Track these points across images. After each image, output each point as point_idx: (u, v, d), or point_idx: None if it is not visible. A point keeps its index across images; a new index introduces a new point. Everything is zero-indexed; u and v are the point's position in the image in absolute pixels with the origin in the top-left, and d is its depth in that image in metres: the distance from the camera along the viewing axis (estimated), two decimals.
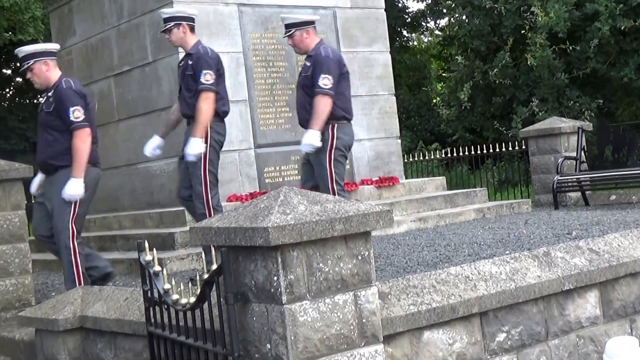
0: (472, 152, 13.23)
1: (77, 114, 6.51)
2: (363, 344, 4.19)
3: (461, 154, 13.41)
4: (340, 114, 7.02)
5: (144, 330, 5.03)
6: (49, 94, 6.62)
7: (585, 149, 11.24)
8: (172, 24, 7.05)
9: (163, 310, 4.72)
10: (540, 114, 16.02)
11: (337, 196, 6.66)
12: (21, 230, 7.15)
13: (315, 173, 7.09)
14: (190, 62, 6.95)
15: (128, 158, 9.82)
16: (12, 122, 24.54)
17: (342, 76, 7.04)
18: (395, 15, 25.34)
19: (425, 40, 31.21)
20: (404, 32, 29.08)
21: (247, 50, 9.35)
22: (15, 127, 24.30)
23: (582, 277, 5.28)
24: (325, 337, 4.05)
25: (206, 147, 6.84)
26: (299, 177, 9.50)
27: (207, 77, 6.84)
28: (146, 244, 4.85)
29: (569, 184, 10.72)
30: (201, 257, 4.62)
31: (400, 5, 27.52)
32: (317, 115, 6.86)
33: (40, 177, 6.92)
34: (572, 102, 16.50)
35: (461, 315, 4.73)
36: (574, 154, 11.04)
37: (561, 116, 14.26)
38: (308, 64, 7.05)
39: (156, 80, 9.25)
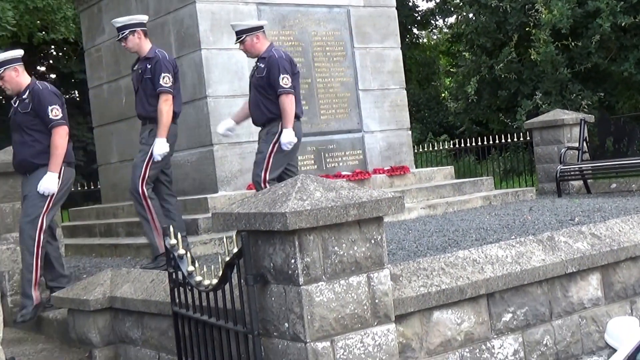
0: (479, 143, 13.17)
1: (55, 112, 6.45)
2: (376, 323, 4.17)
3: (468, 144, 13.35)
4: (295, 112, 7.04)
5: (169, 310, 5.03)
6: (23, 96, 6.51)
7: (587, 139, 11.17)
8: (127, 31, 7.01)
9: (187, 291, 4.72)
10: (543, 106, 15.95)
11: (266, 185, 6.76)
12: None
13: (255, 158, 7.06)
14: (148, 66, 6.93)
15: None
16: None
17: (294, 76, 7.03)
18: (406, 14, 25.25)
19: (434, 37, 31.07)
20: (414, 30, 29.00)
21: None
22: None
23: (585, 260, 5.24)
24: (340, 316, 4.03)
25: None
26: (314, 166, 9.50)
27: (166, 79, 6.86)
28: (171, 229, 4.85)
29: (572, 172, 10.66)
30: (223, 241, 4.62)
31: (410, 4, 27.40)
32: (287, 114, 6.85)
33: None
34: (574, 95, 16.41)
35: (469, 296, 4.71)
36: (577, 145, 10.97)
37: (564, 109, 14.17)
38: (262, 65, 7.00)
39: (180, 76, 9.22)
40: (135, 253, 8.12)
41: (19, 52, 6.73)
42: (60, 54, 26.02)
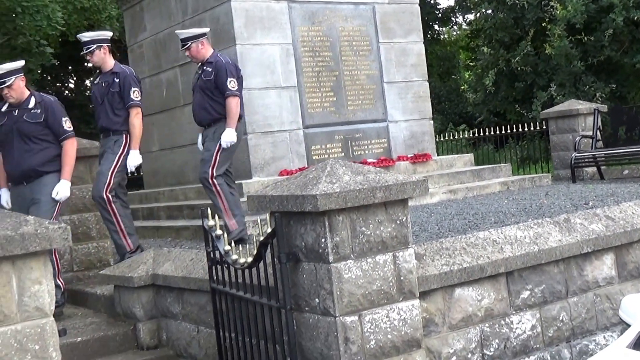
0: (497, 132, 13.05)
1: (69, 124, 6.34)
2: (401, 299, 4.15)
3: (487, 134, 13.23)
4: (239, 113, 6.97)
5: (208, 287, 5.05)
6: (29, 105, 6.25)
7: (601, 128, 11.03)
8: (94, 46, 6.86)
9: (224, 268, 4.73)
10: (558, 98, 15.79)
11: (214, 181, 6.73)
12: None
13: (202, 156, 6.96)
14: (116, 80, 6.79)
15: (192, 138, 9.82)
16: (92, 109, 24.78)
17: (239, 80, 6.96)
18: (428, 11, 25.07)
19: (454, 33, 30.84)
20: (435, 26, 28.78)
21: (296, 42, 9.29)
22: (93, 114, 24.51)
23: (599, 241, 5.18)
24: (367, 292, 4.02)
25: (122, 155, 6.73)
26: (341, 153, 9.47)
27: (136, 94, 6.79)
28: (209, 211, 4.86)
29: (586, 159, 10.53)
30: (257, 223, 4.59)
31: (432, 1, 27.20)
32: (232, 114, 6.77)
33: (5, 192, 6.45)
34: (587, 87, 16.20)
35: (489, 274, 4.67)
36: (590, 133, 10.84)
37: (577, 100, 14.02)
38: (209, 69, 6.89)
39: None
40: (176, 234, 8.15)
41: (22, 62, 6.53)
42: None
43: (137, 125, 6.78)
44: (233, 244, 4.64)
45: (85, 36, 7.01)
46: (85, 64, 26.71)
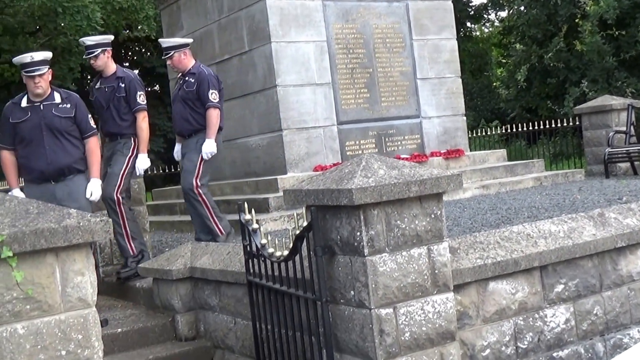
0: (529, 128, 12.92)
1: (92, 121, 6.18)
2: (435, 292, 4.13)
3: (519, 129, 13.11)
4: (219, 125, 6.94)
5: (244, 279, 5.07)
6: (55, 100, 5.98)
7: (635, 123, 10.88)
8: (99, 50, 6.67)
9: (260, 262, 4.74)
10: (590, 94, 15.60)
11: (199, 190, 6.74)
12: (140, 196, 7.28)
13: (184, 166, 6.91)
14: (122, 85, 6.67)
15: (228, 134, 9.88)
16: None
17: (220, 92, 6.94)
18: (460, 8, 24.90)
19: (487, 30, 30.60)
20: (468, 23, 28.59)
21: (331, 39, 9.29)
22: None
23: (634, 235, 5.10)
24: (402, 285, 4.01)
25: (131, 158, 6.69)
26: (375, 149, 9.45)
27: (142, 97, 6.72)
28: (246, 206, 4.87)
29: (619, 155, 10.39)
30: (292, 217, 4.58)
31: None
32: (212, 125, 6.77)
33: (18, 192, 6.00)
34: (620, 82, 15.98)
35: (523, 268, 4.63)
36: (624, 129, 10.69)
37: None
38: (191, 80, 6.88)
39: (252, 67, 9.28)
40: None
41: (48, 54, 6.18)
42: (143, 50, 26.42)
43: (145, 129, 6.71)
44: (269, 238, 4.66)
45: (90, 40, 6.83)
46: (124, 63, 27.02)
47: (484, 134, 15.22)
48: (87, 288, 3.30)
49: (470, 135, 13.52)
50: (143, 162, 6.68)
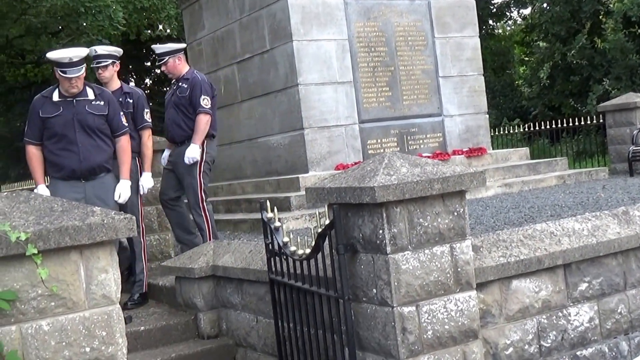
0: (552, 126, 12.85)
1: (124, 119, 6.04)
2: (458, 290, 4.12)
3: (542, 128, 13.04)
4: (210, 132, 6.87)
5: (266, 278, 5.08)
6: (88, 96, 5.79)
7: None
8: (110, 61, 6.50)
9: (282, 260, 4.75)
10: (613, 91, 15.47)
11: (204, 205, 6.70)
12: (157, 222, 7.31)
13: (185, 182, 6.81)
14: (129, 100, 6.45)
15: (249, 133, 9.94)
16: (151, 107, 25.13)
17: (213, 99, 6.86)
18: (482, 6, 24.74)
19: (509, 28, 30.41)
20: (490, 21, 28.43)
21: (352, 37, 9.29)
22: (155, 110, 24.77)
23: None
24: (424, 283, 4.00)
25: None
26: (397, 148, 9.44)
27: (149, 115, 6.55)
28: (268, 204, 4.88)
29: None
30: (314, 216, 4.54)
31: None
32: (200, 131, 6.72)
33: (43, 189, 5.77)
34: None
35: (546, 266, 4.60)
36: None
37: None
38: (185, 85, 6.82)
39: (273, 66, 9.30)
40: (234, 227, 8.24)
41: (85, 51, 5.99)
42: None
43: (150, 147, 6.55)
44: (291, 236, 4.67)
45: (102, 49, 6.63)
46: (145, 63, 27.19)
47: (506, 132, 15.15)
48: (111, 285, 3.33)
49: (492, 134, 13.46)
50: (147, 182, 6.48)
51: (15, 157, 25.24)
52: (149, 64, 27.42)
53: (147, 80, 28.51)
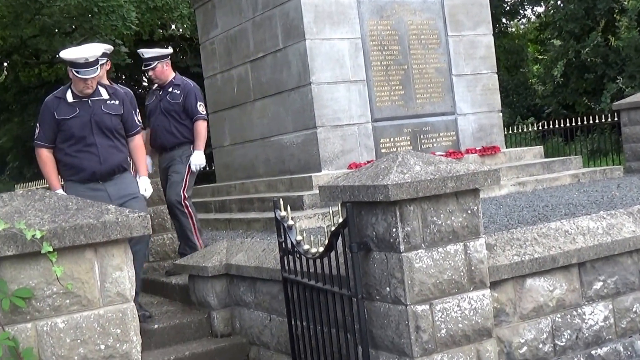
0: (566, 125, 12.78)
1: (138, 117, 5.95)
2: (472, 288, 4.12)
3: (556, 126, 12.97)
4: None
5: (279, 276, 5.10)
6: (103, 96, 5.64)
7: None
8: (104, 60, 6.06)
9: (295, 258, 4.76)
10: (627, 90, 15.38)
11: (186, 202, 6.67)
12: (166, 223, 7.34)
13: (171, 180, 6.81)
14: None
15: (262, 132, 9.95)
16: None
17: (205, 104, 6.91)
18: (496, 4, 24.69)
19: (522, 26, 30.32)
20: (503, 20, 28.35)
21: (365, 36, 9.28)
22: None
23: None
24: (438, 281, 4.00)
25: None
26: (410, 146, 9.42)
27: (139, 116, 6.21)
28: (281, 202, 4.89)
29: None
30: (327, 215, 4.52)
31: None
32: (201, 137, 6.79)
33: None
34: None
35: (561, 265, 4.60)
36: None
37: None
38: (177, 92, 6.78)
39: (286, 64, 9.31)
40: (247, 226, 8.25)
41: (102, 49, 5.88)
42: (177, 49, 26.62)
43: (144, 150, 6.18)
44: (304, 235, 4.67)
45: (107, 49, 6.27)
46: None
47: (520, 131, 15.09)
48: (125, 283, 3.35)
49: (506, 133, 13.41)
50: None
51: (30, 157, 25.40)
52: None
53: None
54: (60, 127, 5.54)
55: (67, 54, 5.49)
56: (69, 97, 5.56)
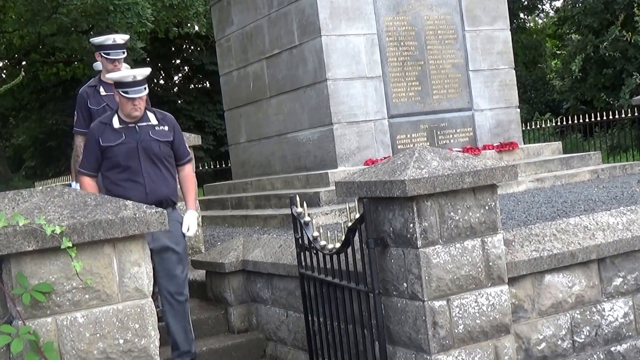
0: (585, 120, 12.71)
1: (187, 144, 5.50)
2: (490, 284, 4.12)
3: (574, 122, 12.91)
4: None
5: (296, 272, 5.12)
6: (151, 121, 5.21)
7: None
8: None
9: (312, 254, 4.78)
10: None
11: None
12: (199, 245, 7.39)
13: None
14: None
15: (278, 129, 9.97)
16: (180, 104, 25.40)
17: None
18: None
19: (540, 21, 30.16)
20: (521, 15, 28.22)
21: (381, 32, 9.28)
22: (183, 109, 25.11)
23: None
24: (455, 277, 4.00)
25: None
26: (427, 143, 9.42)
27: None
28: (297, 198, 4.91)
29: None
30: (343, 211, 4.38)
31: None
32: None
33: None
34: None
35: (580, 261, 4.58)
36: None
37: None
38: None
39: (302, 61, 9.32)
40: (264, 223, 8.28)
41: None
42: (192, 47, 26.75)
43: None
44: (321, 230, 4.69)
45: (122, 38, 5.97)
46: (173, 61, 27.41)
47: (538, 126, 15.03)
48: (143, 278, 3.38)
49: (523, 129, 13.36)
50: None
51: (48, 155, 25.61)
52: (178, 61, 27.63)
53: (176, 78, 28.72)
54: (105, 154, 5.15)
55: (115, 75, 5.20)
56: (115, 123, 5.17)
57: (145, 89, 5.13)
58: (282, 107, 9.85)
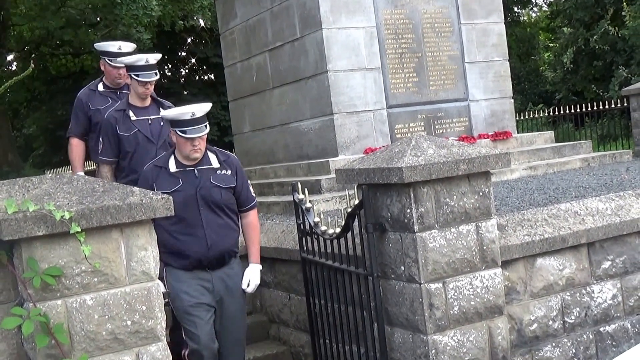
0: (576, 111, 12.69)
1: (252, 189, 4.82)
2: (484, 267, 4.13)
3: (566, 112, 12.89)
4: None
5: (298, 256, 5.12)
6: (213, 164, 4.54)
7: None
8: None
9: (313, 239, 4.79)
10: (633, 78, 15.25)
11: None
12: None
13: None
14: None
15: (281, 119, 9.95)
16: (185, 97, 25.34)
17: None
18: None
19: (534, 15, 30.07)
20: (515, 9, 28.12)
21: (380, 24, 9.24)
22: (188, 101, 24.99)
23: None
24: (451, 260, 4.01)
25: None
26: (424, 132, 9.40)
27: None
28: (299, 186, 4.91)
29: None
30: (344, 198, 4.39)
31: None
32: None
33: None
34: None
35: (570, 245, 4.59)
36: None
37: None
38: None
39: (304, 53, 9.30)
40: (267, 209, 8.27)
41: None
42: (198, 40, 26.69)
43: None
44: (322, 216, 4.69)
45: (154, 58, 5.32)
46: (179, 54, 27.35)
47: (531, 117, 15.00)
48: (150, 262, 3.38)
49: (517, 119, 13.33)
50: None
51: (57, 144, 25.62)
52: (184, 53, 27.57)
53: (182, 71, 28.66)
54: None
55: (172, 112, 4.54)
56: (172, 166, 4.50)
57: (206, 127, 4.43)
58: (284, 98, 9.83)
